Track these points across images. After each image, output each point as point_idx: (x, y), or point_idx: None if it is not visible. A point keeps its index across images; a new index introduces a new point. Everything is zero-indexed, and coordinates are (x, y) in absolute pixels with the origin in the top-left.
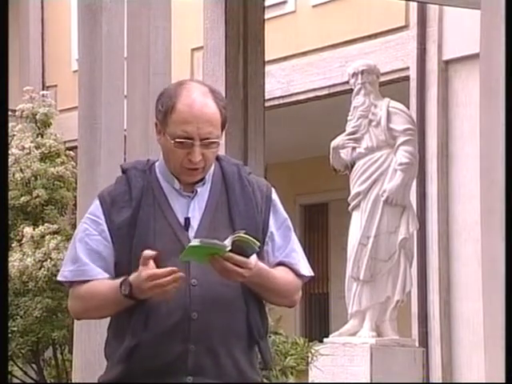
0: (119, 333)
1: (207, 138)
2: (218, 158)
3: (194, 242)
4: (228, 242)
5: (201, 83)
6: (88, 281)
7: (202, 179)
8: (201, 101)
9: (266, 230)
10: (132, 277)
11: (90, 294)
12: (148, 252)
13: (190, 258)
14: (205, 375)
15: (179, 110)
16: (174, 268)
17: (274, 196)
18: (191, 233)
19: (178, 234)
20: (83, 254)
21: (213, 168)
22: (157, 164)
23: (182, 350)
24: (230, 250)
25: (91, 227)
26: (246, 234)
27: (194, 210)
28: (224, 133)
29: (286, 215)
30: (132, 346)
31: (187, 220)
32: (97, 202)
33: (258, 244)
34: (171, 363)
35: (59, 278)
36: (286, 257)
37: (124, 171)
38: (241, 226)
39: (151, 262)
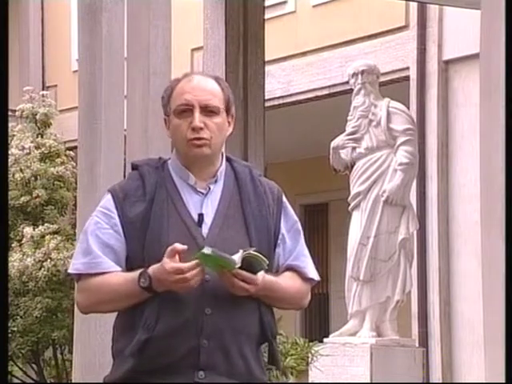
0: (129, 328)
1: (207, 106)
2: (229, 159)
3: (207, 250)
4: (238, 259)
5: (205, 74)
6: (100, 273)
7: (214, 176)
8: (200, 77)
9: (278, 232)
10: (152, 269)
11: (102, 286)
12: (178, 245)
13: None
14: (216, 371)
15: (179, 86)
16: (197, 261)
17: (285, 199)
18: (204, 229)
19: (192, 229)
20: (96, 246)
21: (225, 167)
22: (169, 162)
23: (194, 345)
24: (240, 266)
25: (103, 220)
26: (255, 251)
27: (207, 206)
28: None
29: (296, 218)
30: (144, 340)
31: (201, 216)
32: (108, 196)
33: (267, 262)
34: (183, 358)
35: (70, 271)
36: (295, 260)
37: (136, 167)
38: (253, 225)
39: (176, 256)
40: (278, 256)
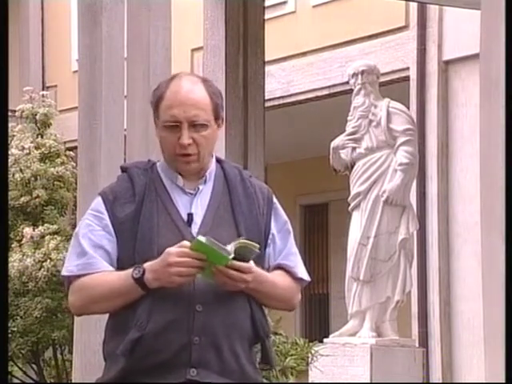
0: (122, 329)
1: (194, 121)
2: (219, 160)
3: (201, 238)
4: (230, 249)
5: (193, 74)
6: (93, 273)
7: (203, 176)
8: (188, 87)
9: (268, 232)
10: (147, 264)
11: (96, 283)
12: (185, 242)
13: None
14: (208, 368)
15: (167, 97)
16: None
17: (275, 199)
18: (194, 228)
19: (181, 229)
20: (89, 248)
21: (214, 168)
22: (158, 164)
23: (185, 342)
24: (233, 258)
25: (94, 223)
26: (245, 239)
27: (196, 206)
28: (224, 133)
29: (286, 218)
30: (136, 338)
31: (190, 215)
32: (98, 199)
33: (258, 246)
34: (175, 355)
35: (64, 273)
36: (284, 259)
37: (125, 170)
38: (244, 225)
39: None
40: (269, 256)
